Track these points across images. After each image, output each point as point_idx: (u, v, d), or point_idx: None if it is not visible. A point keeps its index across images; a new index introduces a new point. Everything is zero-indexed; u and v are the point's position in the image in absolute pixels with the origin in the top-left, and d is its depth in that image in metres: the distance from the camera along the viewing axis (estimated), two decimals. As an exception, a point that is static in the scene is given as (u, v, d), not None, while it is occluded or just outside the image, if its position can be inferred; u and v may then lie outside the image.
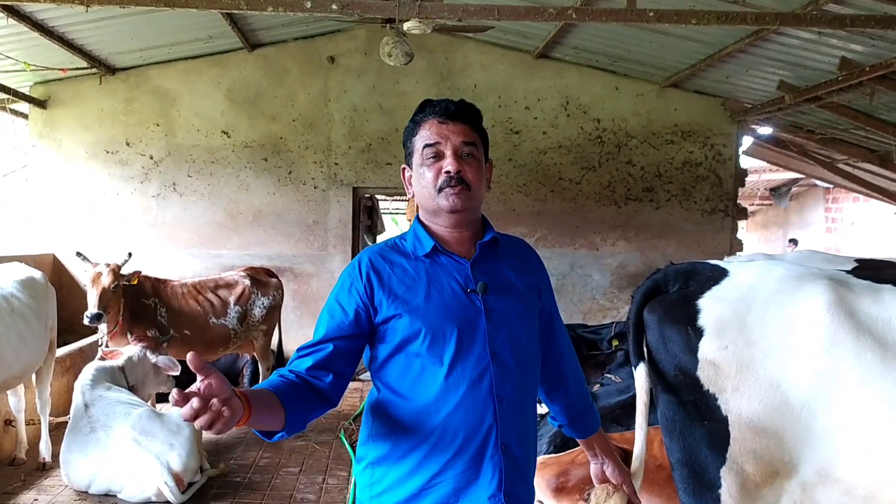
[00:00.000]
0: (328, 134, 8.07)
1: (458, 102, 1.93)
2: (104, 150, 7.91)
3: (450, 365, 1.81)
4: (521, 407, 1.90)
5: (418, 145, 1.91)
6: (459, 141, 1.88)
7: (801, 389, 2.07)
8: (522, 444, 1.90)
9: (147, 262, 7.23)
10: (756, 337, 2.15)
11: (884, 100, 6.28)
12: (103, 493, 4.58)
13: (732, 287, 2.29)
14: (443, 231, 1.94)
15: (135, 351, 5.24)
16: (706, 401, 2.20)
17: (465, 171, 1.86)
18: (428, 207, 1.93)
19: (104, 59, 7.41)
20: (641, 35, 6.54)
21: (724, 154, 8.25)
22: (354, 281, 1.88)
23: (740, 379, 2.15)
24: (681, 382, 2.26)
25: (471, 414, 1.81)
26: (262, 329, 6.69)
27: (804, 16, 4.73)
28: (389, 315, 1.84)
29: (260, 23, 7.17)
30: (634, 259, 8.31)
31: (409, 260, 1.92)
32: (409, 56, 5.79)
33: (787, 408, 2.08)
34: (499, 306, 1.89)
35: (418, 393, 1.83)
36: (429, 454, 1.81)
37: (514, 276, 1.98)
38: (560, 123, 8.18)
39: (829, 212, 14.88)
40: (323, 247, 8.08)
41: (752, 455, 2.14)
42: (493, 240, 1.97)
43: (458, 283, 1.89)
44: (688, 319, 2.27)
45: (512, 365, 1.87)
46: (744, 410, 2.14)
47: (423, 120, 1.92)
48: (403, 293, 1.86)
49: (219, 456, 5.37)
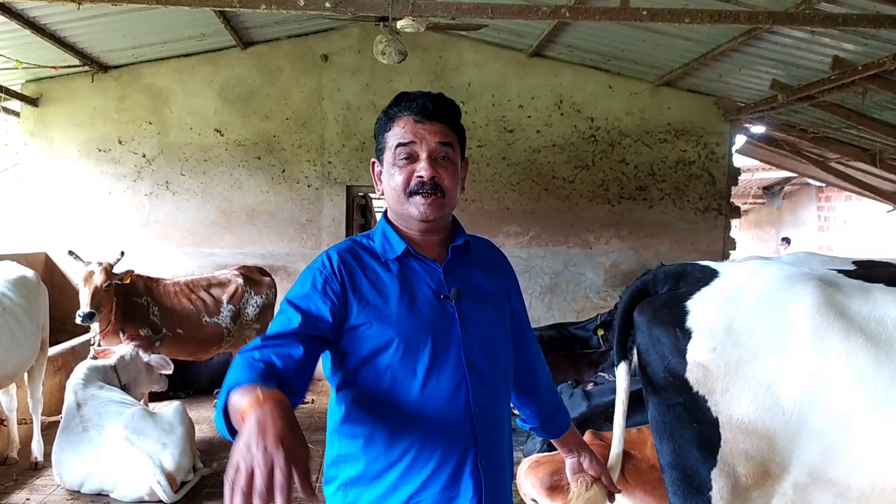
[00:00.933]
0: (322, 132, 8.05)
1: (435, 98, 1.79)
2: (96, 149, 7.88)
3: (424, 377, 1.70)
4: (497, 417, 1.82)
5: (390, 142, 1.78)
6: (436, 142, 1.75)
7: (791, 390, 2.05)
8: (500, 456, 1.82)
9: (140, 260, 7.22)
10: (745, 338, 2.14)
11: (876, 99, 6.30)
12: (96, 493, 4.57)
13: (722, 288, 2.27)
14: (412, 234, 1.82)
15: (127, 350, 5.23)
16: (696, 402, 2.18)
17: (440, 177, 1.75)
18: (396, 211, 1.81)
19: (96, 56, 7.38)
20: (635, 34, 6.54)
21: (717, 153, 8.27)
22: (329, 279, 1.72)
23: (729, 380, 2.13)
24: (670, 384, 2.25)
25: (448, 428, 1.71)
26: (256, 328, 6.67)
27: (797, 15, 4.73)
28: (359, 322, 1.71)
29: (253, 21, 7.15)
30: (628, 258, 8.32)
31: (380, 263, 1.79)
32: (403, 54, 5.78)
33: (778, 409, 2.07)
34: (473, 313, 1.79)
35: (391, 408, 1.70)
36: (405, 473, 1.70)
37: (485, 280, 1.89)
38: (554, 122, 8.18)
39: (822, 210, 14.93)
40: (316, 245, 8.06)
41: (743, 456, 2.13)
42: (466, 243, 1.88)
43: (430, 288, 1.78)
44: (676, 321, 2.25)
45: (488, 374, 1.78)
46: (734, 412, 2.13)
47: (397, 115, 1.78)
48: (374, 299, 1.72)
49: (212, 455, 5.36)
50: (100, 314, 5.47)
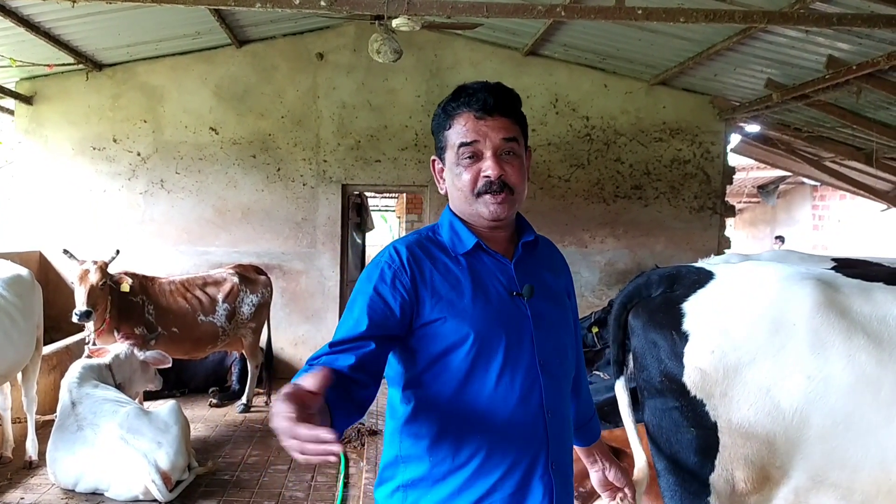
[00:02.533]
0: (317, 131, 8.05)
1: (496, 91, 1.71)
2: (91, 147, 7.86)
3: (497, 376, 1.63)
4: (567, 420, 1.78)
5: (452, 140, 1.71)
6: (500, 139, 1.69)
7: (792, 393, 2.02)
8: (569, 460, 1.78)
9: (135, 259, 7.21)
10: (743, 341, 2.10)
11: (870, 98, 6.32)
12: (90, 492, 4.56)
13: (718, 290, 2.23)
14: (480, 230, 1.75)
15: (122, 349, 5.23)
16: (693, 407, 2.14)
17: (507, 174, 1.69)
18: (464, 212, 1.75)
19: (91, 54, 7.36)
20: (630, 33, 6.55)
21: (712, 152, 8.28)
22: (398, 273, 1.64)
23: (728, 384, 2.09)
24: (667, 388, 2.20)
25: (521, 431, 1.65)
26: (251, 327, 6.68)
27: (791, 14, 4.75)
28: (432, 318, 1.63)
29: (248, 19, 7.14)
30: (623, 256, 8.33)
31: (450, 257, 1.71)
32: (398, 53, 5.78)
33: (778, 412, 2.03)
34: (545, 311, 1.73)
35: (461, 408, 1.64)
36: (475, 475, 1.63)
37: (551, 278, 1.84)
38: (549, 121, 8.19)
39: (817, 209, 14.97)
40: (312, 244, 8.06)
41: (742, 461, 2.09)
42: (535, 239, 1.83)
43: (501, 284, 1.71)
44: (673, 324, 2.21)
45: (559, 375, 1.73)
46: (733, 416, 2.09)
47: (457, 112, 1.71)
48: (447, 293, 1.65)
49: (207, 454, 5.36)
50: (95, 313, 5.46)
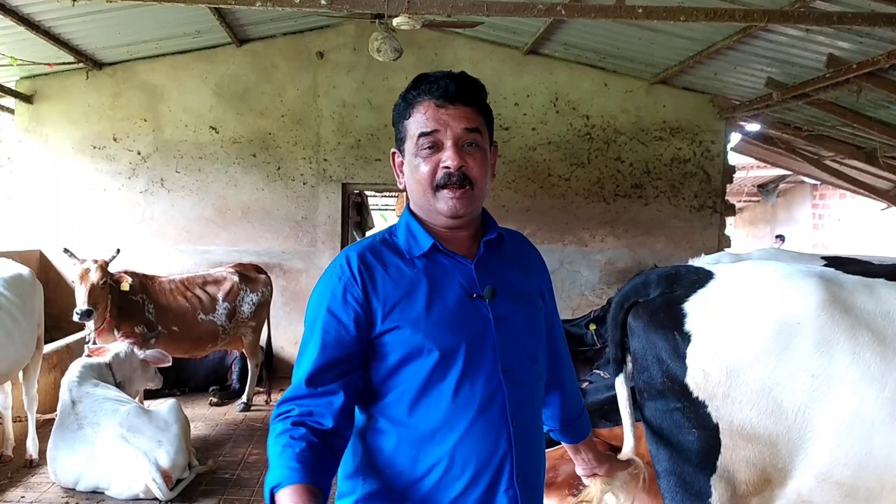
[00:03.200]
0: (317, 130, 8.04)
1: (458, 79, 1.63)
2: (91, 146, 7.86)
3: (457, 384, 1.56)
4: (535, 429, 1.70)
5: (412, 130, 1.62)
6: (461, 128, 1.59)
7: (795, 393, 2.00)
8: (538, 471, 1.70)
9: (135, 258, 7.21)
10: (746, 340, 2.07)
11: (870, 97, 6.31)
12: (91, 491, 4.57)
13: (719, 290, 2.20)
14: (439, 229, 1.67)
15: (122, 347, 5.23)
16: (695, 408, 2.12)
17: (468, 166, 1.60)
18: (423, 207, 1.66)
19: (91, 53, 7.36)
20: (630, 31, 6.55)
21: (712, 150, 8.28)
22: (349, 285, 1.57)
23: (730, 385, 2.07)
24: (668, 389, 2.18)
25: (483, 441, 1.57)
26: (251, 325, 6.68)
27: (792, 13, 4.74)
28: (385, 328, 1.56)
29: (248, 18, 7.13)
30: (623, 255, 8.33)
31: (404, 260, 1.63)
32: (399, 52, 5.78)
33: (781, 413, 2.01)
34: (508, 314, 1.64)
35: (420, 419, 1.57)
36: (435, 488, 1.56)
37: (520, 278, 1.74)
38: (549, 120, 8.19)
39: (817, 208, 14.97)
40: (312, 243, 8.06)
41: (744, 462, 2.07)
42: (499, 237, 1.73)
43: (461, 287, 1.62)
44: (674, 324, 2.18)
45: (525, 382, 1.65)
46: (735, 417, 2.06)
47: (417, 101, 1.63)
48: (400, 300, 1.57)
49: (207, 453, 5.36)
50: (96, 312, 5.46)
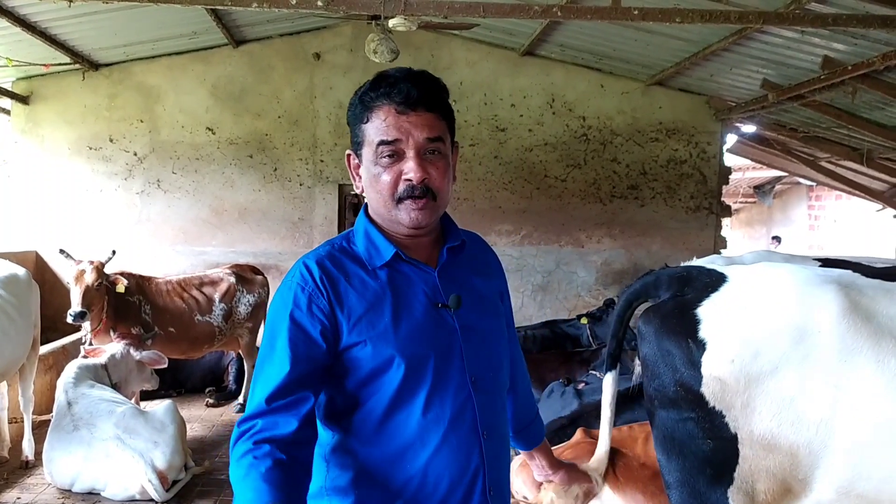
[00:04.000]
0: (314, 131, 8.05)
1: (420, 82, 1.52)
2: (87, 147, 7.86)
3: (427, 399, 1.50)
4: (503, 438, 1.66)
5: (371, 137, 1.52)
6: (424, 138, 1.50)
7: (817, 403, 1.92)
8: (507, 480, 1.68)
9: (131, 259, 7.20)
10: (764, 348, 1.98)
11: (865, 98, 6.34)
12: (87, 492, 4.55)
13: (733, 294, 2.11)
14: (399, 236, 1.59)
15: (118, 348, 5.22)
16: (711, 418, 2.03)
17: (430, 178, 1.51)
18: (382, 216, 1.58)
19: (87, 54, 7.35)
20: (626, 33, 6.56)
21: (708, 152, 8.30)
22: (314, 296, 1.49)
23: (749, 395, 1.98)
24: (681, 398, 2.09)
25: (455, 456, 1.51)
26: (248, 326, 6.67)
27: (787, 15, 4.76)
28: (351, 342, 1.49)
29: (245, 19, 7.14)
30: (619, 256, 8.34)
31: (366, 270, 1.55)
32: (395, 53, 5.79)
33: (803, 423, 1.93)
34: (474, 322, 1.59)
35: (390, 436, 1.51)
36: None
37: (481, 283, 1.69)
38: (546, 121, 8.20)
39: (812, 209, 15.02)
40: (308, 244, 8.05)
41: (764, 473, 2.00)
42: (462, 243, 1.66)
43: (425, 296, 1.56)
44: (688, 331, 2.08)
45: (493, 391, 1.61)
46: (755, 428, 1.98)
47: (375, 104, 1.52)
48: (365, 313, 1.50)
49: (203, 454, 5.35)
50: (91, 313, 5.45)
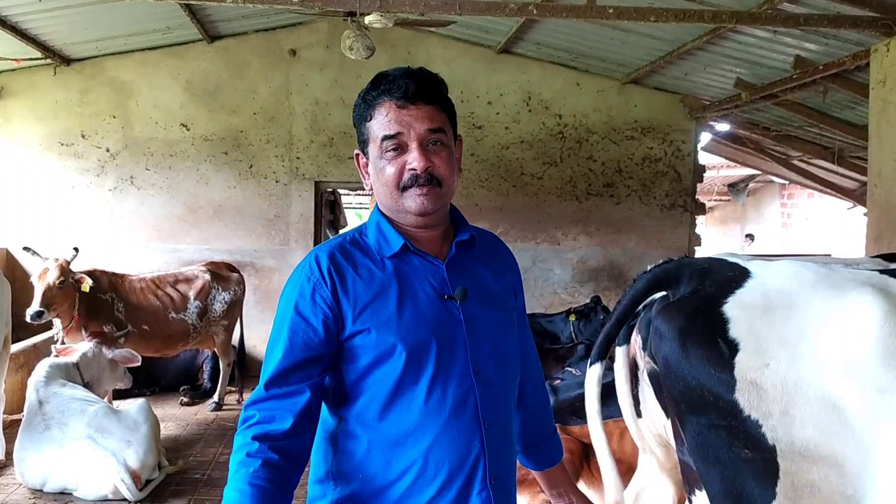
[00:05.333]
0: (290, 128, 8.01)
1: (418, 78, 1.62)
2: (59, 143, 7.75)
3: (429, 387, 1.55)
4: (508, 432, 1.68)
5: (375, 133, 1.59)
6: (424, 129, 1.58)
7: (862, 409, 1.79)
8: (511, 472, 1.69)
9: (104, 256, 7.12)
10: (802, 352, 1.85)
11: (836, 98, 6.43)
12: (58, 492, 4.51)
13: (759, 292, 1.96)
14: (410, 229, 1.65)
15: (89, 347, 5.17)
16: (746, 428, 1.86)
17: (434, 166, 1.59)
18: (391, 208, 1.64)
19: (59, 49, 7.25)
20: (602, 31, 6.60)
21: (682, 150, 8.37)
22: (318, 286, 1.55)
23: (788, 401, 1.83)
24: (710, 405, 1.92)
25: (455, 444, 1.56)
26: (223, 324, 6.64)
27: (759, 14, 4.82)
28: (356, 330, 1.55)
29: (219, 14, 7.08)
30: (595, 253, 8.39)
31: (375, 261, 1.61)
32: (371, 50, 5.77)
33: (848, 431, 1.79)
34: (480, 315, 1.63)
35: (392, 422, 1.56)
36: (408, 492, 1.55)
37: (491, 278, 1.73)
38: (522, 119, 8.22)
39: (785, 207, 15.20)
40: (284, 241, 8.02)
41: (808, 488, 1.82)
42: (471, 238, 1.72)
43: (432, 288, 1.61)
44: (717, 331, 1.91)
45: (497, 384, 1.64)
46: (796, 438, 1.82)
47: (377, 102, 1.60)
48: (371, 301, 1.56)
49: (178, 453, 5.31)
50: (51, 312, 5.41)
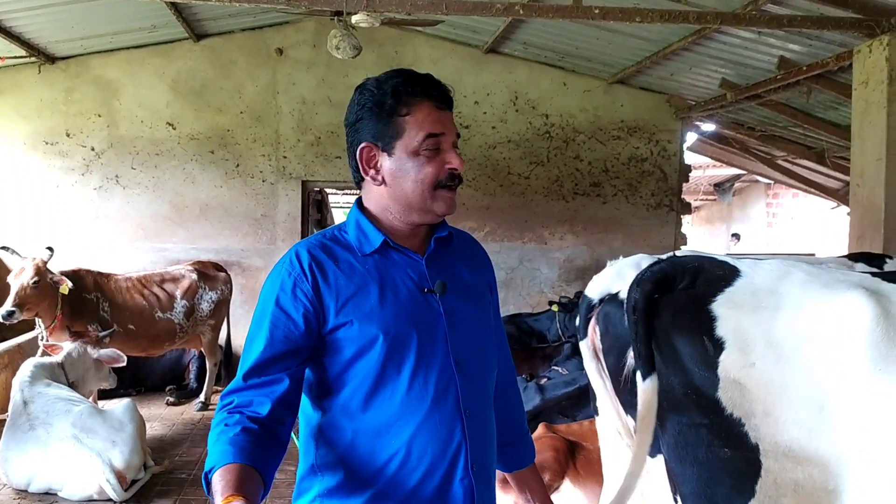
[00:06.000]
0: (276, 127, 7.99)
1: (443, 84, 1.68)
2: (43, 141, 7.70)
3: (410, 377, 1.59)
4: (488, 420, 1.72)
5: (412, 130, 1.60)
6: (455, 133, 1.65)
7: (851, 412, 1.79)
8: (491, 460, 1.74)
9: (89, 256, 7.09)
10: (789, 353, 1.83)
11: (820, 98, 6.49)
12: (43, 492, 4.49)
13: (749, 291, 1.95)
14: (397, 224, 1.68)
15: (74, 347, 5.15)
16: (728, 426, 1.86)
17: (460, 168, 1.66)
18: (414, 206, 1.64)
19: (43, 47, 7.20)
20: (588, 32, 6.63)
21: (668, 150, 8.41)
22: (299, 281, 1.58)
23: (772, 402, 1.82)
24: (692, 402, 1.91)
25: (437, 432, 1.59)
26: (210, 324, 6.62)
27: (744, 15, 4.85)
28: (339, 323, 1.58)
29: (205, 13, 7.05)
30: (582, 253, 8.42)
31: (356, 256, 1.65)
32: (357, 49, 5.77)
33: (834, 432, 1.80)
34: (459, 308, 1.68)
35: (375, 412, 1.59)
36: (391, 482, 1.58)
37: (468, 274, 1.78)
38: (509, 118, 8.24)
39: (770, 207, 15.30)
40: (271, 241, 8.00)
41: (792, 486, 1.83)
42: (449, 234, 1.76)
43: (412, 281, 1.65)
44: (703, 328, 1.90)
45: (477, 375, 1.69)
46: (780, 438, 1.82)
47: (415, 100, 1.61)
48: (353, 295, 1.59)
49: (164, 453, 5.30)
50: (25, 312, 5.40)
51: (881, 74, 4.70)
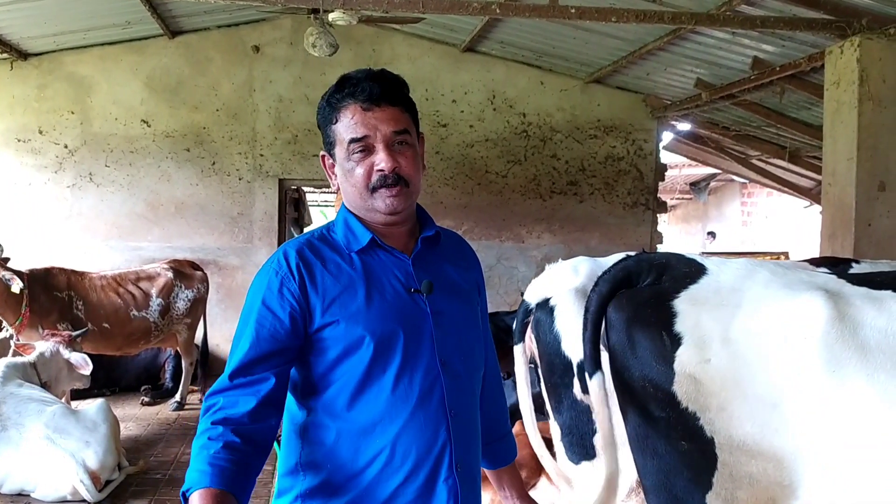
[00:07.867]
0: (253, 125, 7.94)
1: (381, 80, 1.65)
2: (15, 139, 7.60)
3: (396, 377, 1.59)
4: (473, 420, 1.73)
5: (341, 136, 1.63)
6: (390, 131, 1.62)
7: (804, 411, 1.81)
8: (476, 461, 1.75)
9: (62, 254, 7.01)
10: (744, 350, 1.87)
11: (793, 98, 6.57)
12: (16, 493, 4.43)
13: (712, 289, 1.98)
14: (377, 226, 1.70)
15: (47, 346, 5.09)
16: (684, 420, 1.89)
17: (400, 166, 1.63)
18: (359, 208, 1.69)
19: (15, 43, 7.10)
20: (565, 31, 6.66)
21: (644, 149, 8.47)
22: (286, 280, 1.59)
23: (726, 397, 1.85)
24: (650, 396, 1.94)
25: (422, 432, 1.60)
26: (186, 322, 6.57)
27: (718, 16, 4.90)
28: (325, 322, 1.58)
29: (181, 9, 6.99)
30: (559, 251, 8.44)
31: (343, 256, 1.65)
32: (334, 47, 5.76)
33: (787, 429, 1.82)
34: (445, 308, 1.69)
35: (360, 412, 1.60)
36: (375, 482, 1.59)
37: (456, 274, 1.79)
38: (486, 117, 8.26)
39: (745, 205, 15.46)
40: (248, 239, 7.96)
41: (746, 479, 1.87)
42: (436, 234, 1.78)
43: (399, 281, 1.66)
44: (662, 324, 1.93)
45: (463, 375, 1.69)
46: (734, 432, 1.86)
47: (342, 105, 1.63)
48: (339, 294, 1.60)
49: (138, 453, 5.26)
50: None
51: (852, 75, 4.76)
